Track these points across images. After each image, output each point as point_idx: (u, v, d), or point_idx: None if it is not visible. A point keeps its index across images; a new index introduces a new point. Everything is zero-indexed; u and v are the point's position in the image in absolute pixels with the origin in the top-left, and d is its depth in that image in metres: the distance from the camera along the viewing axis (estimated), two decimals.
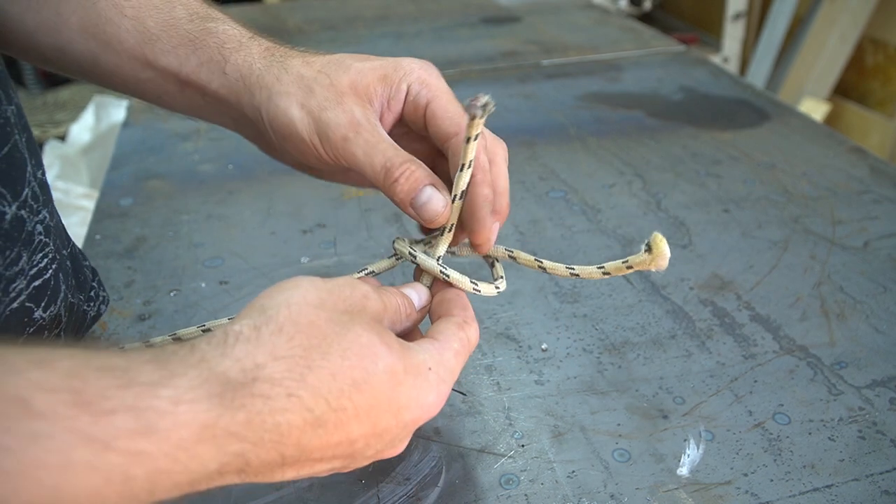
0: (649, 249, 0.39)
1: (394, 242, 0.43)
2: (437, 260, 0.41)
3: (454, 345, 0.36)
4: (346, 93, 0.39)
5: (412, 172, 0.38)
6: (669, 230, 0.70)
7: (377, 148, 0.38)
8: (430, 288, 0.42)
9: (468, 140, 0.36)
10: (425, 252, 0.42)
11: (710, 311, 0.59)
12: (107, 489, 0.24)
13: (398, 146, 0.39)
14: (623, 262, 0.40)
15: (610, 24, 1.35)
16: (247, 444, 0.27)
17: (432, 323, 0.39)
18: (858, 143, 0.87)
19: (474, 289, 0.42)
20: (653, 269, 0.39)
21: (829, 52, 2.18)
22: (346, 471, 0.34)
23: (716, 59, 2.42)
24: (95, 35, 0.42)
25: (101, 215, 0.74)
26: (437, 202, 0.39)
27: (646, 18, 2.74)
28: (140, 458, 0.24)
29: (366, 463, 0.34)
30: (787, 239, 0.68)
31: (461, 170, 0.38)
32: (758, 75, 2.36)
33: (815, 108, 2.17)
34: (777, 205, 0.74)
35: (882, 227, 0.70)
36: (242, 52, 0.41)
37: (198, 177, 0.82)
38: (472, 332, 0.38)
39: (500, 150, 0.42)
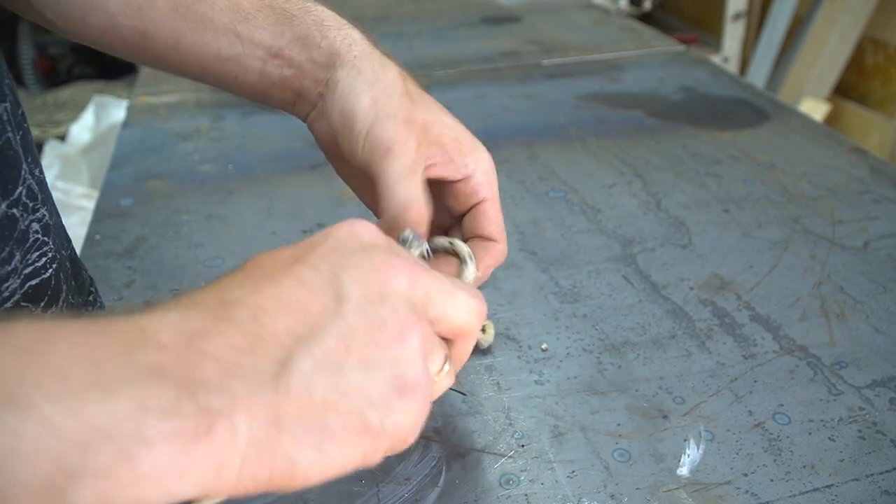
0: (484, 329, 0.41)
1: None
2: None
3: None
4: (417, 122, 0.40)
5: (422, 222, 0.39)
6: (669, 230, 0.70)
7: (410, 179, 0.39)
8: None
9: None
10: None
11: (710, 311, 0.59)
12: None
13: (426, 195, 0.40)
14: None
15: (610, 24, 1.35)
16: (203, 320, 0.25)
17: None
18: (858, 143, 0.87)
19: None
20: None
21: (829, 52, 2.18)
22: (394, 333, 0.28)
23: (716, 59, 2.42)
24: (185, 15, 0.42)
25: (101, 215, 0.74)
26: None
27: (646, 18, 2.74)
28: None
29: (382, 302, 0.28)
30: (787, 239, 0.68)
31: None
32: (758, 75, 2.36)
33: (815, 108, 2.17)
34: (777, 205, 0.74)
35: (882, 227, 0.70)
36: (343, 30, 0.43)
37: (198, 177, 0.82)
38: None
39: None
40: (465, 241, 0.42)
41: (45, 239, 0.41)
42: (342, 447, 0.26)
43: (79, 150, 1.70)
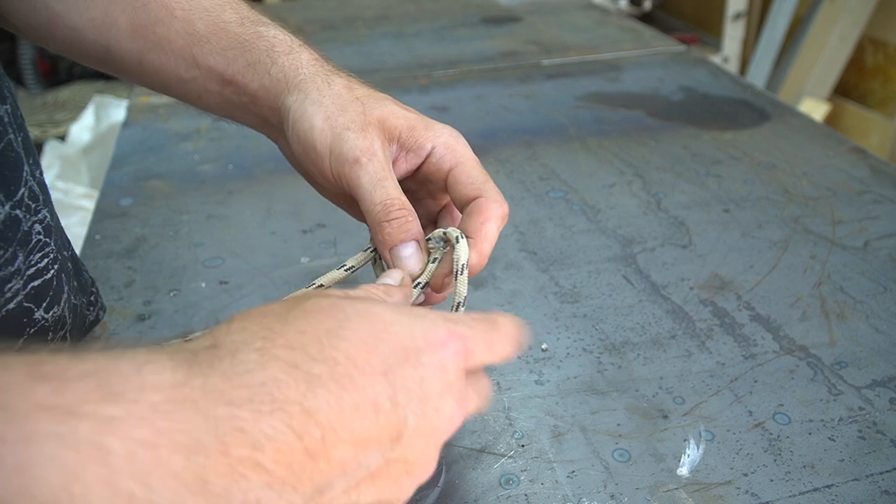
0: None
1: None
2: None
3: (469, 315, 0.33)
4: (372, 124, 0.40)
5: (407, 222, 0.39)
6: (669, 230, 0.70)
7: (383, 182, 0.39)
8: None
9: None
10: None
11: (710, 311, 0.59)
12: (81, 466, 0.20)
13: (403, 193, 0.40)
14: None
15: (610, 24, 1.35)
16: (236, 410, 0.23)
17: None
18: (858, 143, 0.87)
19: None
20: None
21: (829, 52, 2.18)
22: (415, 473, 0.29)
23: (716, 59, 2.42)
24: (144, 35, 0.43)
25: (101, 215, 0.74)
26: (414, 262, 0.39)
27: (646, 18, 2.74)
28: (112, 424, 0.21)
29: (426, 449, 0.29)
30: (788, 239, 0.68)
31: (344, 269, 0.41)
32: (758, 75, 2.36)
33: (815, 108, 2.17)
34: (777, 205, 0.74)
35: (882, 227, 0.70)
36: (292, 55, 0.43)
37: (198, 177, 0.82)
38: (498, 316, 0.34)
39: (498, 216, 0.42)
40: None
41: (47, 240, 0.41)
42: None
43: (79, 150, 1.70)
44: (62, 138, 1.84)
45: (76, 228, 1.41)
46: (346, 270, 0.42)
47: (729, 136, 0.89)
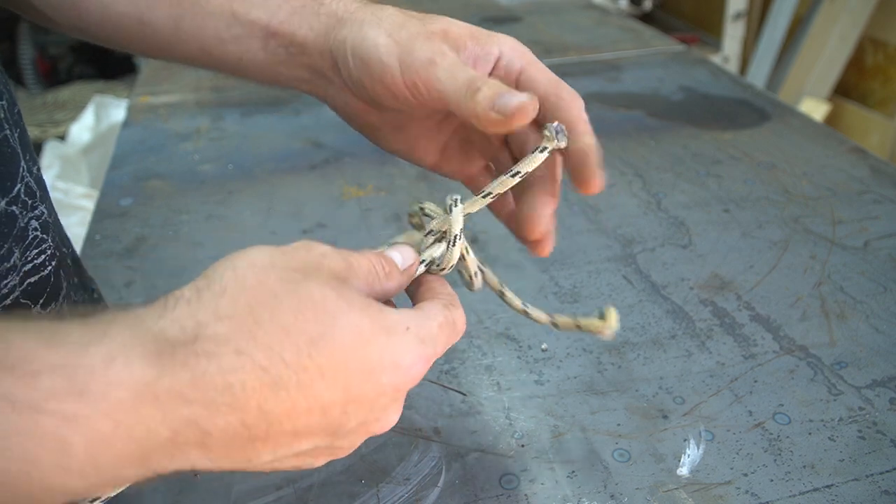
0: (601, 317, 0.41)
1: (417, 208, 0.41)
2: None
3: (438, 317, 0.33)
4: (436, 34, 0.39)
5: (496, 83, 0.36)
6: (669, 230, 0.70)
7: (461, 69, 0.37)
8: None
9: (539, 150, 0.38)
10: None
11: (710, 311, 0.59)
12: (43, 457, 0.22)
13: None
14: (574, 320, 0.42)
15: (610, 24, 1.35)
16: (197, 408, 0.25)
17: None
18: (858, 143, 0.87)
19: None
20: (598, 336, 0.41)
21: (829, 52, 2.18)
22: (337, 455, 0.31)
23: (716, 58, 2.42)
24: (180, 0, 0.42)
25: (101, 215, 0.74)
26: (520, 97, 0.36)
27: (646, 18, 2.74)
28: (75, 421, 0.22)
29: (355, 441, 0.31)
30: (788, 239, 0.68)
31: (512, 175, 0.38)
32: (758, 75, 2.36)
33: (815, 108, 2.17)
34: (777, 205, 0.74)
35: (882, 227, 0.70)
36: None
37: (198, 177, 0.82)
38: (459, 315, 0.35)
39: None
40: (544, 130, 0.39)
41: (45, 236, 0.41)
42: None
43: (79, 150, 1.70)
44: (62, 138, 1.84)
45: (76, 228, 1.41)
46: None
47: (729, 136, 0.89)
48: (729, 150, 0.86)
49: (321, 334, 0.28)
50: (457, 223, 0.38)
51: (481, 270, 0.41)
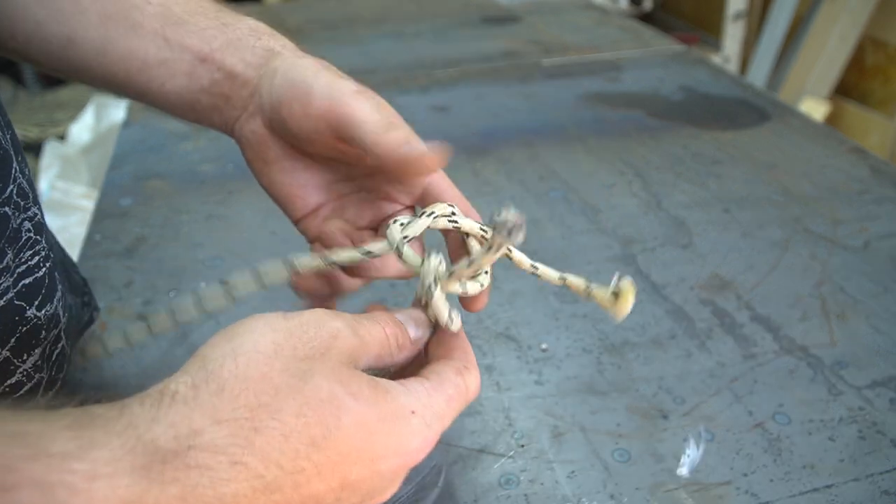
0: (615, 294, 0.38)
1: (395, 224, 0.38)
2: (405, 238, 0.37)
3: (448, 389, 0.32)
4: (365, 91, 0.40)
5: (414, 135, 0.36)
6: (669, 230, 0.70)
7: (386, 107, 0.37)
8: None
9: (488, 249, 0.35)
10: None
11: (710, 311, 0.59)
12: None
13: None
14: (585, 286, 0.39)
15: (610, 24, 1.35)
16: None
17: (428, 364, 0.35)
18: (858, 143, 0.87)
19: (531, 266, 0.39)
20: (609, 313, 0.38)
21: (829, 52, 2.18)
22: None
23: (716, 58, 2.42)
24: (116, 21, 0.42)
25: (101, 215, 0.74)
26: (435, 149, 0.36)
27: (646, 18, 2.74)
28: None
29: None
30: (788, 239, 0.68)
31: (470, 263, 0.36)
32: (758, 75, 2.36)
33: (816, 108, 2.17)
34: (777, 205, 0.74)
35: (882, 227, 0.70)
36: (276, 37, 0.42)
37: (198, 177, 0.82)
38: (472, 380, 0.34)
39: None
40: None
41: (38, 238, 0.41)
42: None
43: (79, 150, 1.70)
44: (62, 138, 1.84)
45: (76, 228, 1.41)
46: (364, 254, 0.38)
47: (729, 136, 0.89)
48: (729, 150, 0.85)
49: (323, 436, 0.27)
50: (430, 274, 0.36)
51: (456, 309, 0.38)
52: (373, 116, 0.36)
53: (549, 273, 0.40)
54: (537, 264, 0.40)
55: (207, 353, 0.28)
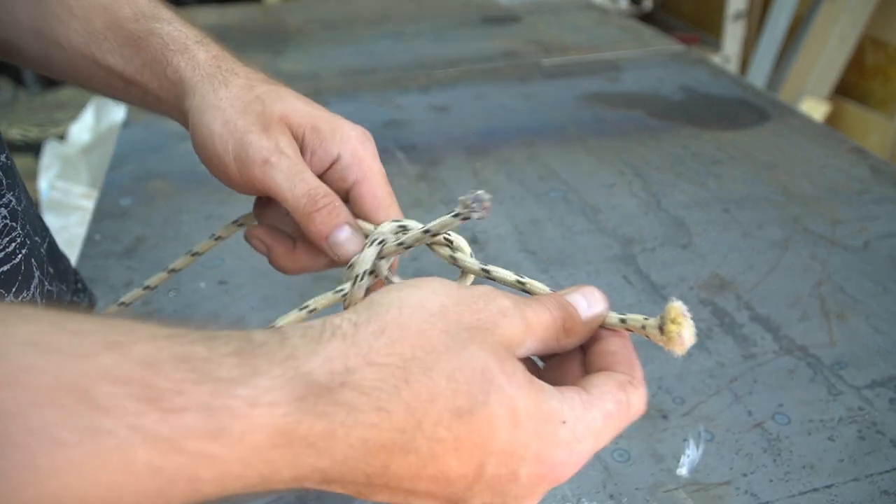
0: (662, 325, 0.31)
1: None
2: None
3: (607, 405, 0.29)
4: (275, 122, 0.38)
5: (335, 208, 0.37)
6: (669, 230, 0.70)
7: (301, 176, 0.37)
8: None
9: (452, 215, 0.33)
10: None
11: (710, 311, 0.59)
12: (171, 489, 0.22)
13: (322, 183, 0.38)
14: (641, 324, 0.33)
15: (610, 24, 1.35)
16: (326, 461, 0.25)
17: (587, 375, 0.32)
18: (858, 143, 0.87)
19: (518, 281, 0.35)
20: (666, 348, 0.32)
21: (829, 52, 2.18)
22: None
23: (716, 58, 2.42)
24: (46, 34, 0.42)
25: (101, 215, 0.74)
26: (353, 244, 0.37)
27: (646, 18, 2.74)
28: (210, 460, 0.23)
29: None
30: (787, 239, 0.68)
31: (423, 231, 0.35)
32: (758, 75, 2.36)
33: (816, 108, 2.17)
34: (777, 205, 0.74)
35: (882, 227, 0.70)
36: (186, 55, 0.41)
37: (198, 177, 0.82)
38: (637, 398, 0.31)
39: (370, 158, 0.40)
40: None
41: (13, 224, 0.41)
42: None
43: (79, 150, 1.70)
44: (62, 138, 1.84)
45: (76, 228, 1.41)
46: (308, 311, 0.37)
47: (729, 136, 0.89)
48: (729, 150, 0.85)
49: (469, 409, 0.26)
50: (365, 262, 0.36)
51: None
52: (291, 193, 0.37)
53: (502, 273, 0.36)
54: (489, 267, 0.36)
55: (377, 297, 0.28)
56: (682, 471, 0.45)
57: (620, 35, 1.28)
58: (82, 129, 1.77)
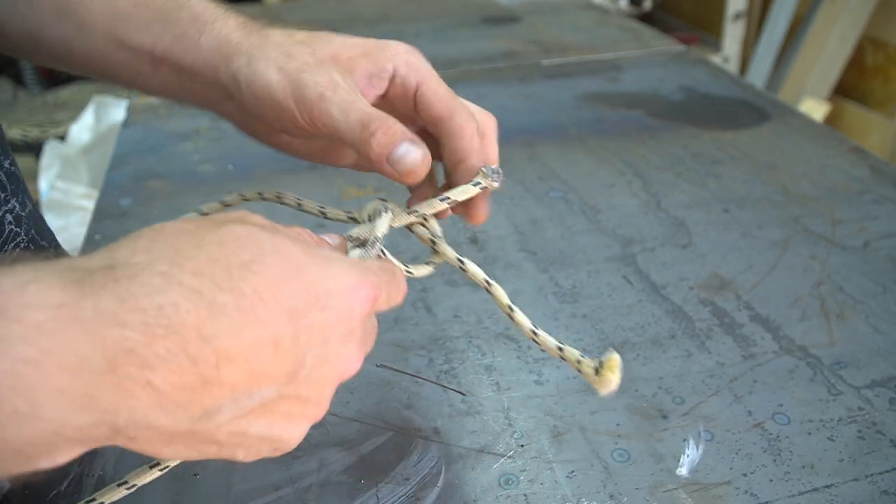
0: (599, 369, 0.35)
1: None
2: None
3: (373, 262, 0.34)
4: (326, 60, 0.39)
5: (389, 126, 0.37)
6: (669, 230, 0.70)
7: (354, 105, 0.37)
8: None
9: (472, 184, 0.39)
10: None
11: (709, 311, 0.59)
12: None
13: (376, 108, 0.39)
14: (577, 359, 0.36)
15: (610, 24, 1.35)
16: (129, 332, 0.23)
17: None
18: (858, 143, 0.87)
19: (406, 271, 0.40)
20: (595, 388, 0.35)
21: (829, 52, 2.18)
22: (308, 413, 0.29)
23: (716, 59, 2.42)
24: (68, 17, 0.41)
25: (101, 215, 0.74)
26: (415, 155, 0.37)
27: (646, 18, 2.74)
28: None
29: (322, 390, 0.29)
30: (787, 239, 0.68)
31: (441, 199, 0.40)
32: (758, 75, 2.36)
33: (816, 108, 2.17)
34: (777, 205, 0.74)
35: (882, 227, 0.70)
36: (218, 23, 0.41)
37: (198, 177, 0.82)
38: (396, 269, 0.35)
39: (490, 122, 0.43)
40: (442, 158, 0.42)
41: (18, 230, 0.41)
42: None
43: (79, 150, 1.70)
44: (62, 138, 1.84)
45: (76, 228, 1.41)
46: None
47: (729, 136, 0.89)
48: (729, 150, 0.86)
49: (252, 260, 0.26)
50: (380, 229, 0.38)
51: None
52: (346, 124, 0.37)
53: (547, 342, 0.40)
54: (538, 331, 0.41)
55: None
56: (682, 471, 0.45)
57: (620, 35, 1.28)
58: (82, 129, 1.77)
